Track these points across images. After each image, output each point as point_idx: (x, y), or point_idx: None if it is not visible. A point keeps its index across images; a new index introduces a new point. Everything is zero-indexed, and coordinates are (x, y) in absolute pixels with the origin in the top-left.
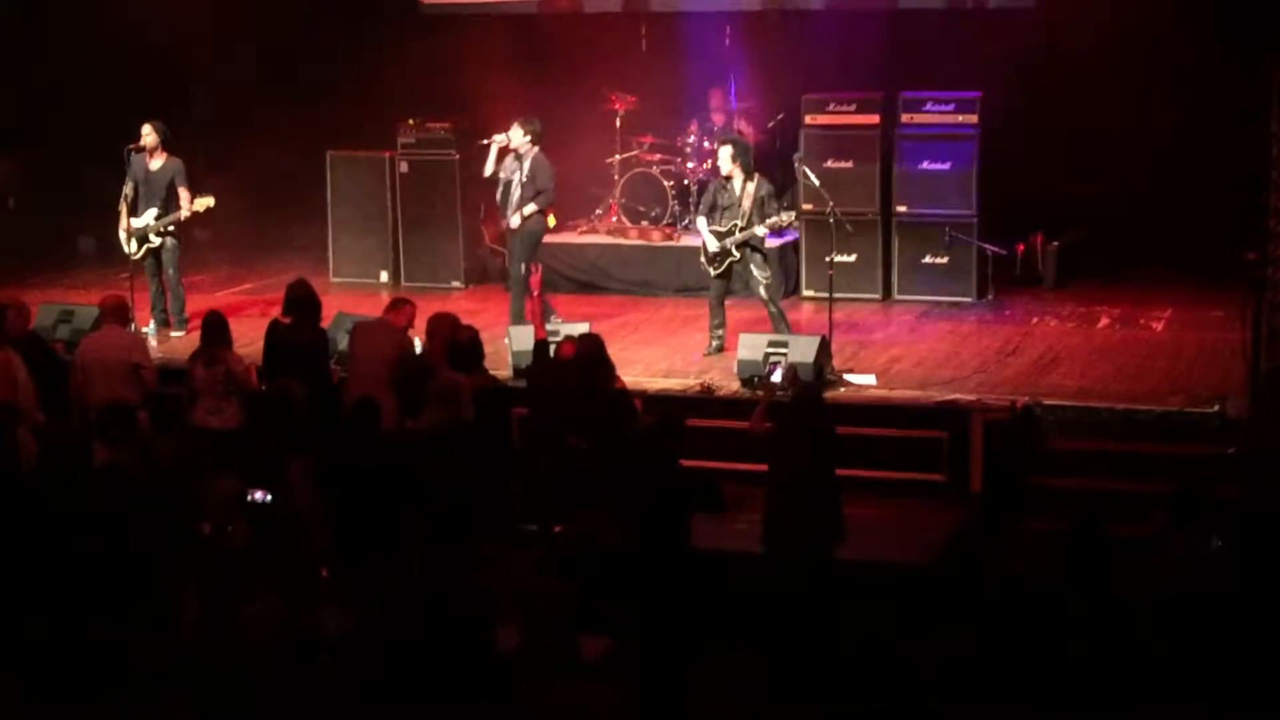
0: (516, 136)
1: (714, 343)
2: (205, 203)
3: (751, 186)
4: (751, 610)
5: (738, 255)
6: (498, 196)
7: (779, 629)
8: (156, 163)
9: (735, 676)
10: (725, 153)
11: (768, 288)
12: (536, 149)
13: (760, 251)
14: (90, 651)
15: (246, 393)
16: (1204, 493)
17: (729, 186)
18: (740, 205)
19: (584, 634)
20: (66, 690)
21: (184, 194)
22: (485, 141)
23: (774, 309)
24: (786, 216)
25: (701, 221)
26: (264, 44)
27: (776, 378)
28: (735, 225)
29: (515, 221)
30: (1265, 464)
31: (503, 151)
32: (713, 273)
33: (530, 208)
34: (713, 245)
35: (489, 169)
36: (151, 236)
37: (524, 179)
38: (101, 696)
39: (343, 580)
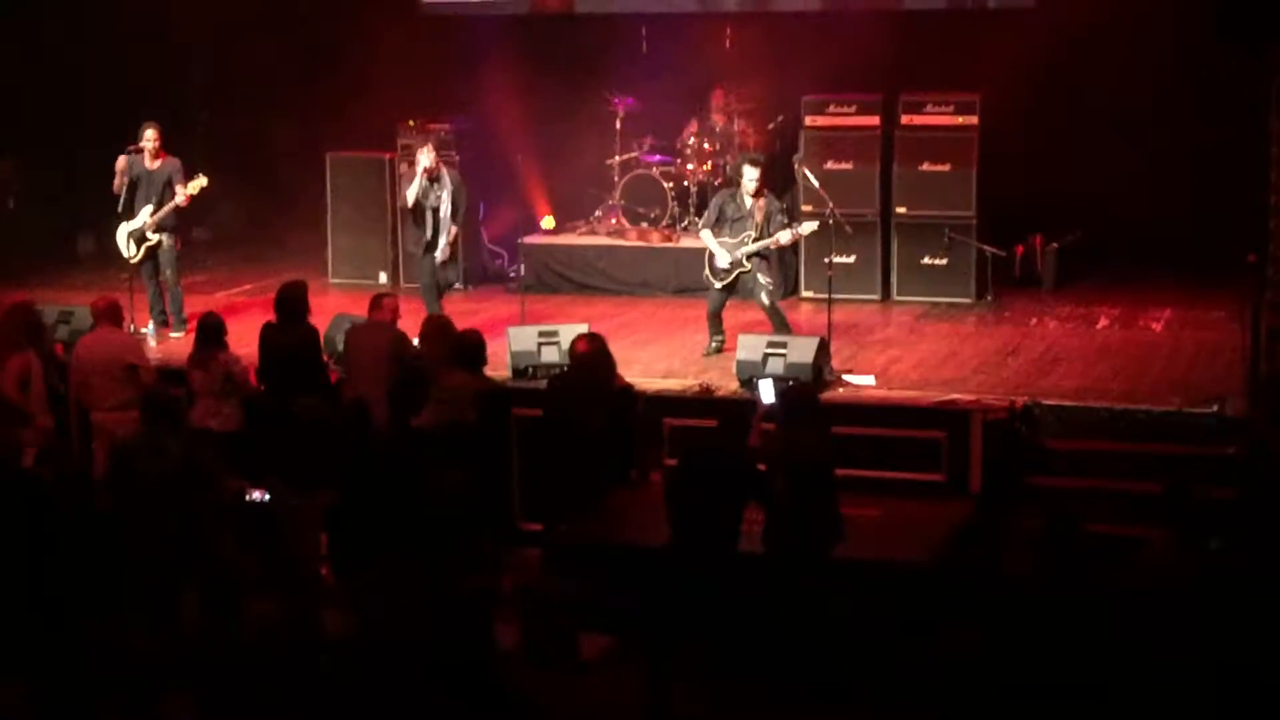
0: (431, 158)
1: (713, 344)
2: (198, 184)
3: (764, 202)
4: (749, 609)
5: (748, 265)
6: (427, 225)
7: (778, 628)
8: (155, 163)
9: (735, 676)
10: (753, 174)
11: (770, 294)
12: (445, 168)
13: (766, 258)
14: (90, 651)
15: (246, 394)
16: (1198, 492)
17: (738, 199)
18: (752, 217)
19: (584, 634)
20: (67, 690)
21: (180, 191)
22: (401, 174)
23: (776, 316)
24: (808, 227)
25: (707, 235)
26: (264, 44)
27: (766, 396)
28: (748, 236)
29: (446, 253)
30: (1265, 464)
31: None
32: (718, 285)
33: (453, 230)
34: (723, 260)
35: (412, 197)
36: (149, 234)
37: (450, 203)
38: (101, 696)
39: (343, 580)
